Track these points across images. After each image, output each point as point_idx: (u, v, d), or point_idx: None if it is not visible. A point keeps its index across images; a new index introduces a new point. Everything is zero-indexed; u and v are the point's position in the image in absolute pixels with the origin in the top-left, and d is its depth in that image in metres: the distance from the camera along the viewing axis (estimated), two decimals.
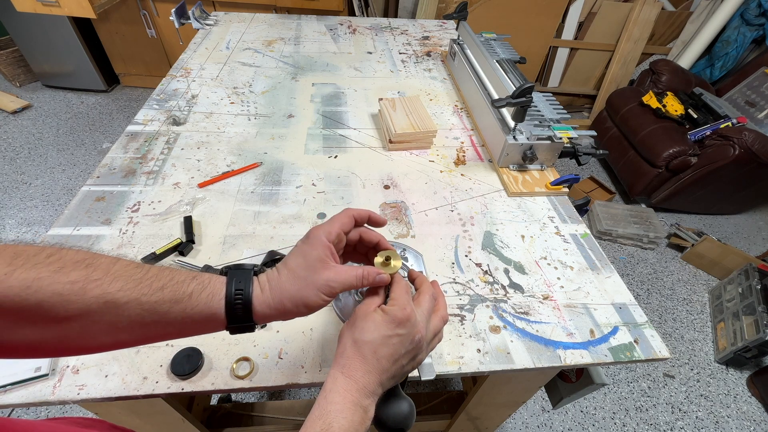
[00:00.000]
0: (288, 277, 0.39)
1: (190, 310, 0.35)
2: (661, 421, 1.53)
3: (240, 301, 0.37)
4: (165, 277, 0.35)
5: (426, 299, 0.43)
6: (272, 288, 0.38)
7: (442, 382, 1.57)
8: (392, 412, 0.42)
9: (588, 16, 2.76)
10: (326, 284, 0.38)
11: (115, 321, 0.33)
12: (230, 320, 0.37)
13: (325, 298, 0.39)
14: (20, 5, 2.03)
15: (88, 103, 2.81)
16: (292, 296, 0.38)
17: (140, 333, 0.35)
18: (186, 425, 0.83)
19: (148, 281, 0.34)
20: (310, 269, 0.38)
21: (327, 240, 0.40)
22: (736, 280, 1.88)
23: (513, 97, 0.87)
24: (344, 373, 0.39)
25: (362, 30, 1.67)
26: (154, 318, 0.34)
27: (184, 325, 0.36)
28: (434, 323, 0.43)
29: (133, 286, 0.33)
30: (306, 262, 0.39)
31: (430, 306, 0.43)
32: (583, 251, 0.81)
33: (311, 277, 0.38)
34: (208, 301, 0.36)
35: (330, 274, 0.39)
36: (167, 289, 0.35)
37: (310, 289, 0.38)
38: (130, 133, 1.00)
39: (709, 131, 2.18)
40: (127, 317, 0.33)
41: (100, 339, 0.34)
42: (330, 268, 0.39)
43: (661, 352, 0.65)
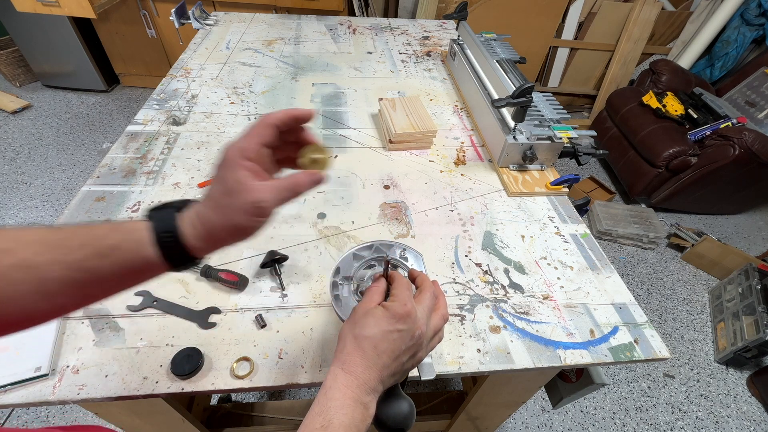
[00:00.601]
0: (211, 206, 0.36)
1: (122, 261, 0.34)
2: (661, 421, 1.53)
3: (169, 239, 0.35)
4: (82, 234, 0.34)
5: (427, 297, 0.43)
6: (200, 220, 0.36)
7: (442, 382, 1.57)
8: (392, 412, 0.42)
9: (588, 16, 2.76)
10: (252, 205, 0.35)
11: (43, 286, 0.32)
12: (170, 260, 0.36)
13: (258, 219, 0.36)
14: (20, 5, 2.03)
15: (88, 103, 2.81)
16: (223, 225, 0.36)
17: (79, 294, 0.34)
18: (186, 425, 0.83)
19: (65, 241, 0.33)
20: (231, 194, 0.35)
21: (244, 158, 0.36)
22: (736, 280, 1.88)
23: (513, 97, 0.87)
24: (344, 369, 0.39)
25: (362, 30, 1.67)
26: (85, 276, 0.33)
27: (122, 277, 0.35)
28: (435, 321, 0.43)
29: (49, 249, 0.32)
30: (224, 187, 0.36)
31: (430, 303, 0.43)
32: (583, 251, 0.81)
33: (234, 203, 0.35)
34: (137, 249, 0.34)
35: (254, 195, 0.35)
36: (88, 246, 0.33)
37: (238, 215, 0.36)
38: (130, 133, 1.00)
39: (709, 131, 2.18)
40: (54, 280, 0.32)
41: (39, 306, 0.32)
42: (253, 188, 0.35)
43: (661, 352, 0.65)
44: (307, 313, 0.66)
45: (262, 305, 0.67)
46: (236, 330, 0.63)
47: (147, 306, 0.65)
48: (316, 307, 0.67)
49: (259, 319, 0.64)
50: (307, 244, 0.77)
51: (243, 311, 0.66)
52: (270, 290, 0.69)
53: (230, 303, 0.67)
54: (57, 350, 0.58)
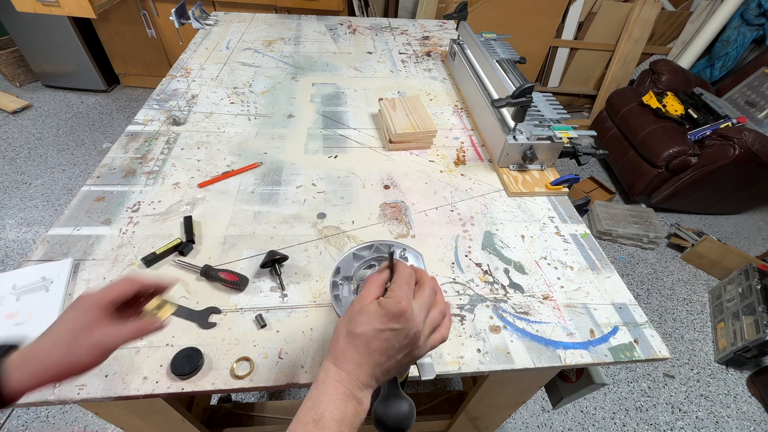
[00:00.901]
0: (53, 343, 0.39)
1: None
2: (661, 421, 1.53)
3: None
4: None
5: (425, 293, 0.42)
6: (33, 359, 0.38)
7: (442, 382, 1.57)
8: (392, 412, 0.42)
9: (588, 16, 2.76)
10: (96, 344, 0.39)
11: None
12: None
13: (100, 358, 0.40)
14: (20, 5, 2.03)
15: (88, 103, 2.81)
16: (60, 361, 0.38)
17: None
18: (186, 425, 0.83)
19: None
20: (79, 333, 0.39)
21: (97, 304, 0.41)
22: (736, 280, 1.88)
23: (513, 97, 0.87)
24: (336, 365, 0.39)
25: (362, 30, 1.67)
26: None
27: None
28: (432, 316, 0.42)
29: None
30: (73, 325, 0.39)
31: (429, 300, 0.42)
32: (583, 251, 0.81)
33: (80, 341, 0.39)
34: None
35: (99, 336, 0.40)
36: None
37: (80, 352, 0.39)
38: (130, 133, 1.00)
39: (709, 131, 2.18)
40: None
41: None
42: (100, 330, 0.40)
43: (661, 352, 0.65)
44: (307, 313, 0.66)
45: (262, 305, 0.67)
46: (236, 330, 0.63)
47: None
48: (316, 307, 0.67)
49: (259, 319, 0.64)
50: (307, 244, 0.77)
51: (243, 311, 0.66)
52: (270, 290, 0.69)
53: (230, 303, 0.67)
54: None
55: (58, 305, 0.63)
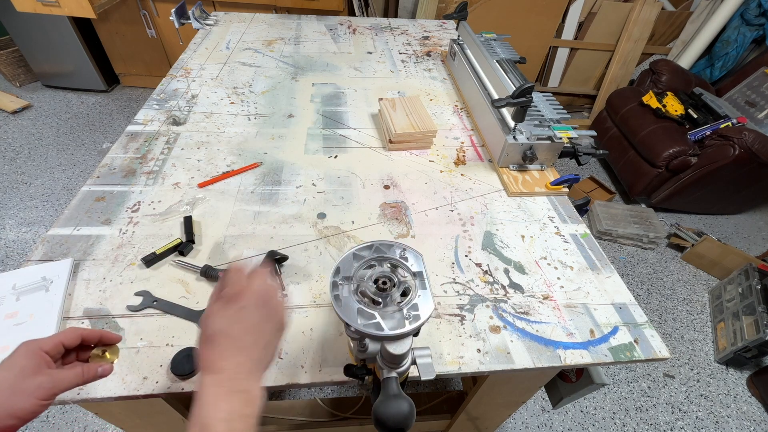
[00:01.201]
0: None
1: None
2: (661, 421, 1.53)
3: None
4: None
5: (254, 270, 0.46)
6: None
7: (442, 382, 1.57)
8: (392, 412, 0.42)
9: (588, 16, 2.76)
10: (38, 387, 0.39)
11: None
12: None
13: (42, 402, 0.39)
14: (20, 5, 2.03)
15: (88, 103, 2.81)
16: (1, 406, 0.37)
17: None
18: (186, 425, 0.83)
19: None
20: (19, 378, 0.39)
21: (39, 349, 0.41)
22: (736, 280, 1.88)
23: (513, 97, 0.87)
24: (208, 372, 0.39)
25: (362, 30, 1.67)
26: None
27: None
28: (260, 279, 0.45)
29: None
30: (12, 372, 0.39)
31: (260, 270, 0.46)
32: (583, 251, 0.81)
33: (20, 386, 0.38)
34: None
35: (43, 379, 0.39)
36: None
37: (20, 397, 0.38)
38: (130, 133, 1.00)
39: (709, 131, 2.18)
40: None
41: None
42: (42, 374, 0.40)
43: (661, 352, 0.65)
44: (307, 313, 0.66)
45: None
46: None
47: (147, 306, 0.65)
48: (316, 307, 0.67)
49: None
50: (307, 244, 0.77)
51: None
52: None
53: None
54: None
55: (58, 305, 0.63)
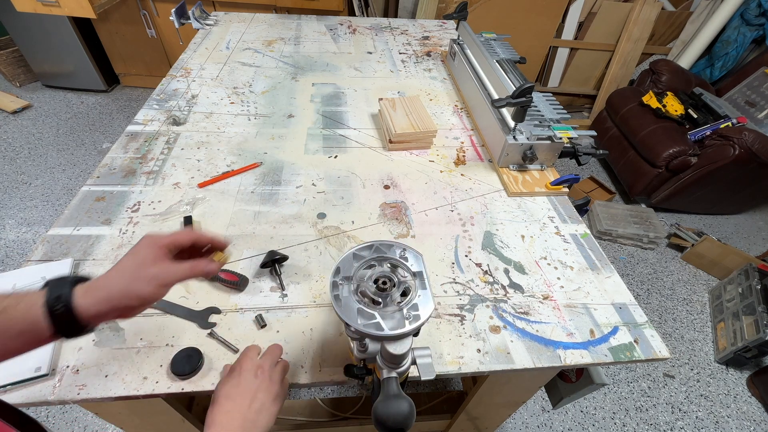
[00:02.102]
0: (118, 274, 0.42)
1: (7, 322, 0.36)
2: (661, 421, 1.53)
3: (61, 307, 0.38)
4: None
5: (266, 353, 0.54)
6: (99, 288, 0.41)
7: (442, 382, 1.57)
8: (392, 412, 0.42)
9: (588, 16, 2.76)
10: (155, 276, 0.43)
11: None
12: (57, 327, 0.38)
13: (158, 289, 0.43)
14: (20, 5, 2.03)
15: (88, 103, 2.81)
16: (122, 291, 0.41)
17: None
18: (186, 425, 0.83)
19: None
20: (140, 266, 0.43)
21: (157, 245, 0.44)
22: (736, 280, 1.88)
23: (513, 97, 0.87)
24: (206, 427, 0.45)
25: (362, 30, 1.67)
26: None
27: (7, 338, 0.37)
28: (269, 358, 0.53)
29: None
30: (135, 260, 0.43)
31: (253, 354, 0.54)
32: (583, 251, 0.81)
33: (140, 273, 0.42)
34: (25, 312, 0.37)
35: (157, 270, 0.43)
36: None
37: (141, 283, 0.42)
38: (130, 133, 1.00)
39: (709, 131, 2.18)
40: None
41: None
42: (158, 265, 0.43)
43: (661, 352, 0.65)
44: (307, 313, 0.66)
45: (262, 305, 0.67)
46: (236, 330, 0.63)
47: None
48: (316, 307, 0.67)
49: (259, 319, 0.64)
50: (307, 244, 0.77)
51: (243, 311, 0.66)
52: (270, 290, 0.69)
53: (230, 303, 0.67)
54: (57, 350, 0.58)
55: None
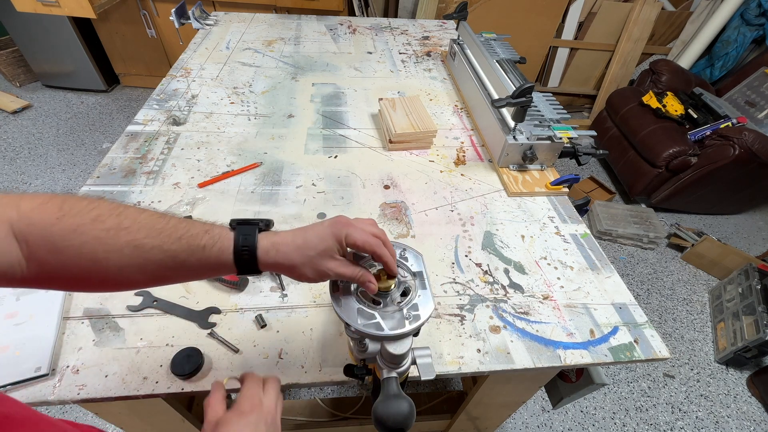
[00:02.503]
0: (298, 249, 0.44)
1: (205, 260, 0.42)
2: (661, 421, 1.53)
3: (246, 253, 0.43)
4: (182, 228, 0.41)
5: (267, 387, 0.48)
6: (278, 252, 0.44)
7: (442, 382, 1.57)
8: (392, 412, 0.42)
9: (588, 16, 2.76)
10: (325, 270, 0.45)
11: (144, 263, 0.39)
12: (239, 269, 0.43)
13: (320, 278, 0.46)
14: (20, 5, 2.03)
15: (88, 103, 2.81)
16: (293, 265, 0.44)
17: (165, 274, 0.42)
18: (186, 425, 0.83)
19: (168, 231, 0.40)
20: (319, 254, 0.44)
21: (344, 240, 0.45)
22: (736, 280, 1.88)
23: (513, 97, 0.87)
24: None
25: (362, 30, 1.67)
26: (176, 263, 0.41)
27: (201, 270, 0.43)
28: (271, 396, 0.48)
29: (156, 235, 0.39)
30: (319, 246, 0.44)
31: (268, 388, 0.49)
32: (583, 251, 0.81)
33: (316, 260, 0.44)
34: (219, 254, 0.42)
35: (331, 265, 0.45)
36: (183, 240, 0.41)
37: (310, 268, 0.44)
38: (130, 133, 1.00)
39: (709, 131, 2.18)
40: (153, 261, 0.40)
41: (134, 276, 0.40)
42: (333, 260, 0.45)
43: (661, 352, 0.65)
44: (307, 313, 0.66)
45: (262, 305, 0.67)
46: (236, 330, 0.63)
47: (147, 306, 0.65)
48: (316, 307, 0.67)
49: (259, 319, 0.64)
50: None
51: (243, 311, 0.66)
52: (270, 290, 0.69)
53: (230, 303, 0.67)
54: (57, 350, 0.58)
55: (58, 305, 0.63)
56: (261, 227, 0.45)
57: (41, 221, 0.36)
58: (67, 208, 0.37)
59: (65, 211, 0.37)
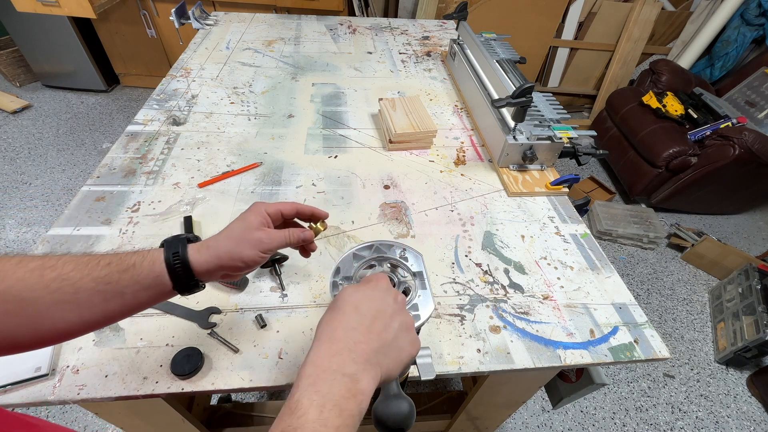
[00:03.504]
0: (226, 236, 0.46)
1: (137, 276, 0.41)
2: (661, 421, 1.53)
3: (178, 262, 0.42)
4: (109, 256, 0.41)
5: None
6: (209, 247, 0.44)
7: (442, 382, 1.57)
8: (392, 412, 0.42)
9: (588, 16, 2.76)
10: (259, 241, 0.46)
11: (75, 295, 0.38)
12: (174, 281, 0.42)
13: (260, 254, 0.46)
14: (20, 5, 2.03)
15: (88, 103, 2.81)
16: (229, 251, 0.44)
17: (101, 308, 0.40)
18: (186, 425, 0.83)
19: (95, 260, 0.40)
20: (246, 230, 0.46)
21: (265, 211, 0.48)
22: (736, 280, 1.88)
23: (513, 97, 0.87)
24: (318, 340, 0.35)
25: (362, 30, 1.67)
26: (108, 288, 0.39)
27: (136, 293, 0.41)
28: None
29: (83, 266, 0.39)
30: (243, 225, 0.46)
31: None
32: (583, 251, 0.81)
33: (246, 236, 0.45)
34: (150, 267, 0.41)
35: (262, 235, 0.46)
36: (113, 264, 0.40)
37: (245, 246, 0.45)
38: (130, 133, 1.00)
39: (709, 131, 2.18)
40: (85, 290, 0.38)
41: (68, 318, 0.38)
42: (263, 230, 0.47)
43: (661, 352, 0.65)
44: (307, 313, 0.66)
45: (262, 305, 0.67)
46: (236, 330, 0.63)
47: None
48: (316, 307, 0.67)
49: (259, 319, 0.64)
50: None
51: (243, 311, 0.66)
52: (270, 290, 0.69)
53: (230, 303, 0.67)
54: (57, 350, 0.58)
55: None
56: (190, 238, 0.46)
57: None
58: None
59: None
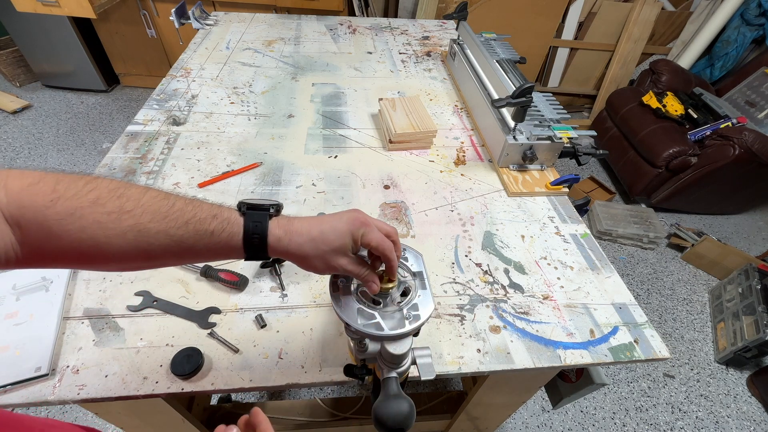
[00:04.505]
0: (312, 241, 0.43)
1: (213, 246, 0.41)
2: (661, 421, 1.53)
3: (257, 241, 0.42)
4: (189, 212, 0.39)
5: None
6: (291, 241, 0.43)
7: (442, 382, 1.57)
8: (392, 412, 0.42)
9: (588, 16, 2.76)
10: (335, 266, 0.45)
11: (148, 248, 0.38)
12: (248, 254, 0.43)
13: (328, 272, 0.46)
14: (20, 5, 2.03)
15: (88, 103, 2.81)
16: (304, 256, 0.44)
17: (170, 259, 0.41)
18: (186, 425, 0.83)
19: (174, 215, 0.38)
20: (333, 251, 0.44)
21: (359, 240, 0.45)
22: (736, 280, 1.88)
23: (513, 97, 0.87)
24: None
25: (362, 30, 1.67)
26: (182, 248, 0.39)
27: (208, 255, 0.42)
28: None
29: (161, 219, 0.38)
30: (334, 243, 0.44)
31: None
32: (583, 251, 0.81)
33: (328, 256, 0.44)
34: (228, 240, 0.41)
35: (343, 262, 0.45)
36: (191, 225, 0.39)
37: (322, 261, 0.44)
38: (130, 133, 1.00)
39: (709, 131, 2.18)
40: (158, 245, 0.38)
41: (138, 260, 0.39)
42: (345, 257, 0.45)
43: (661, 352, 0.65)
44: (307, 313, 0.66)
45: (262, 305, 0.67)
46: (236, 330, 0.63)
47: (147, 306, 0.65)
48: (316, 307, 0.67)
49: (259, 319, 0.64)
50: None
51: (243, 311, 0.66)
52: (270, 290, 0.69)
53: (230, 303, 0.67)
54: (57, 350, 0.58)
55: (58, 305, 0.63)
56: (271, 213, 0.44)
57: (33, 204, 0.33)
58: (61, 189, 0.34)
59: (60, 192, 0.34)
